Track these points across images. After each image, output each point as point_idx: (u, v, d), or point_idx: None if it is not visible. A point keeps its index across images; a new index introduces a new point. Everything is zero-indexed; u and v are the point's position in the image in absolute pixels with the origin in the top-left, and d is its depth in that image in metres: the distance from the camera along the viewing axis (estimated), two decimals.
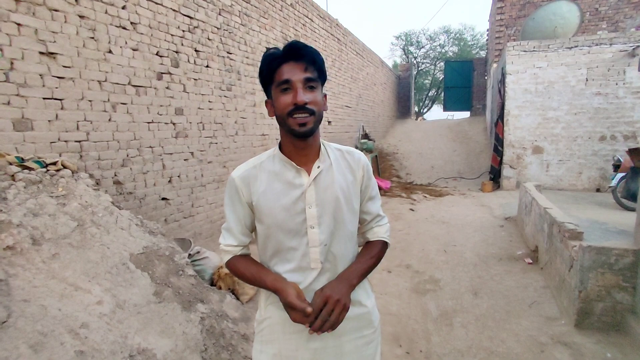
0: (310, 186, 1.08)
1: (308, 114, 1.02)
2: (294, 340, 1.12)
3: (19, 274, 1.79)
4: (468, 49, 23.87)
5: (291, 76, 1.01)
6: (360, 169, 1.17)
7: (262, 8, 5.75)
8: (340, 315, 1.03)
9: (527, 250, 4.43)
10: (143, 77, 3.69)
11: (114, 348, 1.69)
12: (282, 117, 1.04)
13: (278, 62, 1.03)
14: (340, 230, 1.12)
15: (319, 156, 1.12)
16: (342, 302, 1.03)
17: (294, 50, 1.02)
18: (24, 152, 2.70)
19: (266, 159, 1.14)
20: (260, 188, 1.09)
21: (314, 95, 1.03)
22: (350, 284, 1.09)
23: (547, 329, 2.83)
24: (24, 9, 2.70)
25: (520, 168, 8.12)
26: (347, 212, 1.12)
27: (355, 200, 1.16)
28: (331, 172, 1.12)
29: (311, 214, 1.08)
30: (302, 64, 1.02)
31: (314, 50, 1.05)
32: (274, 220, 1.08)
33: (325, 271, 1.11)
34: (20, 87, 2.69)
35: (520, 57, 7.86)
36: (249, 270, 1.13)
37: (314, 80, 1.04)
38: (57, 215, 2.24)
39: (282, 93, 1.03)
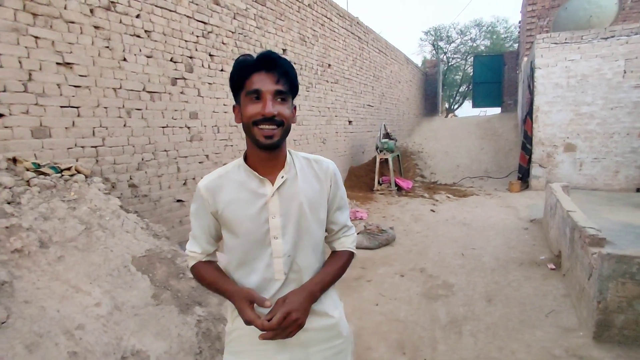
0: (273, 196, 1.07)
1: (275, 126, 1.02)
2: (261, 352, 1.11)
3: (24, 276, 1.89)
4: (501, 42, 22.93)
5: (262, 86, 1.01)
6: (328, 179, 1.16)
7: (279, 10, 5.78)
8: (293, 332, 1.03)
9: (551, 255, 4.21)
10: (157, 83, 3.81)
11: (107, 349, 1.75)
12: (248, 125, 1.03)
13: (250, 70, 1.03)
14: (305, 241, 1.11)
15: (285, 166, 1.10)
16: (299, 321, 1.02)
17: (267, 60, 1.02)
18: (43, 159, 2.86)
19: (231, 168, 1.13)
20: (225, 198, 1.09)
21: (283, 107, 1.03)
22: (313, 296, 1.08)
23: (563, 341, 2.67)
24: (42, 23, 2.85)
25: (551, 167, 7.71)
26: (312, 222, 1.11)
27: (322, 210, 1.14)
28: (296, 181, 1.10)
29: (275, 224, 1.07)
30: (274, 76, 1.02)
31: (288, 62, 1.05)
32: (240, 230, 1.08)
33: (290, 282, 1.10)
34: (38, 96, 2.86)
35: (550, 49, 7.46)
36: (209, 277, 1.14)
37: (285, 94, 1.04)
38: (66, 218, 2.35)
39: (250, 102, 1.02)
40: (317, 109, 7.13)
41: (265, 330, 1.00)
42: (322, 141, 7.42)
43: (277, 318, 1.00)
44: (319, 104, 7.20)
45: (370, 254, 4.60)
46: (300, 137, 6.60)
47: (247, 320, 1.02)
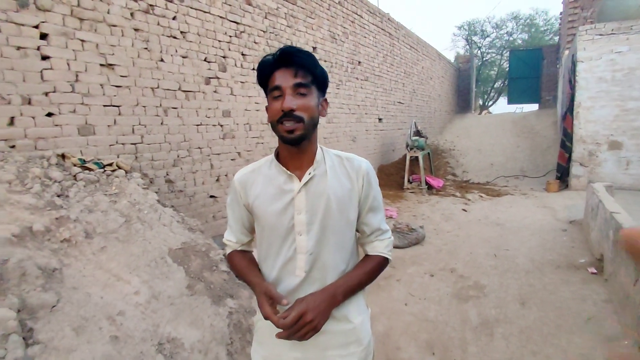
0: (300, 192, 1.06)
1: (295, 121, 1.00)
2: (278, 346, 1.11)
3: (72, 264, 2.03)
4: (540, 35, 21.90)
5: (281, 82, 1.00)
6: (361, 178, 1.12)
7: (309, 9, 5.82)
8: (307, 335, 1.00)
9: (592, 258, 4.00)
10: (192, 83, 3.94)
11: (145, 335, 1.85)
12: (273, 124, 1.03)
13: (270, 68, 1.03)
14: (330, 240, 1.08)
15: (314, 162, 1.09)
16: (314, 323, 0.99)
17: (284, 55, 1.01)
18: (87, 155, 3.04)
19: (264, 163, 1.15)
20: (255, 191, 1.11)
21: (303, 102, 1.01)
22: (334, 299, 1.05)
23: (604, 349, 2.55)
24: (87, 27, 3.02)
25: (593, 166, 7.31)
26: (339, 221, 1.08)
27: (351, 209, 1.11)
28: (325, 178, 1.08)
29: (300, 221, 1.06)
30: (292, 69, 1.01)
31: (306, 53, 1.03)
32: (267, 223, 1.10)
33: (311, 280, 1.08)
34: (84, 96, 3.03)
35: (594, 42, 7.06)
36: (240, 266, 1.18)
37: (305, 86, 1.01)
38: (108, 211, 2.49)
39: (273, 100, 1.02)
40: (347, 107, 7.12)
41: (279, 327, 0.99)
42: (352, 139, 7.40)
43: (291, 317, 0.98)
44: (349, 102, 7.19)
45: (399, 252, 4.55)
46: (330, 135, 6.62)
47: (264, 315, 1.02)
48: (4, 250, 1.78)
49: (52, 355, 1.54)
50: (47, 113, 2.81)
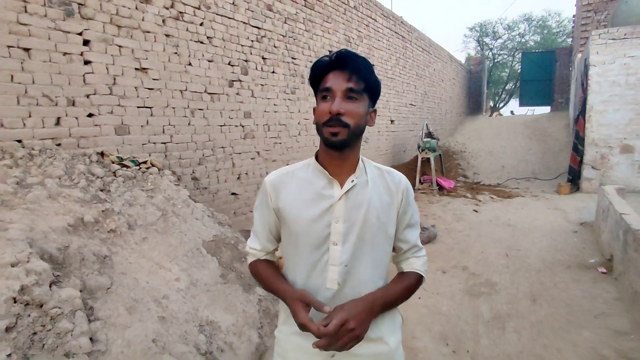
0: (340, 200, 1.02)
1: (340, 125, 0.96)
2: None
3: (119, 252, 2.23)
4: (552, 37, 21.78)
5: (333, 84, 0.98)
6: (400, 192, 1.08)
7: (326, 13, 5.99)
8: (348, 345, 0.94)
9: (602, 258, 4.10)
10: (217, 85, 4.14)
11: (188, 317, 2.04)
12: (319, 125, 1.00)
13: (324, 69, 1.00)
14: (367, 253, 1.03)
15: (356, 171, 1.05)
16: (356, 332, 0.94)
17: (340, 58, 0.99)
18: (123, 153, 3.25)
19: (300, 166, 1.10)
20: (288, 195, 1.06)
21: (352, 107, 0.97)
22: (372, 310, 0.99)
23: (613, 343, 2.67)
24: (124, 33, 3.24)
25: (605, 169, 7.35)
26: (377, 235, 1.04)
27: (390, 224, 1.06)
28: (366, 189, 1.04)
29: (336, 230, 1.01)
30: (346, 73, 0.98)
31: (363, 59, 1.00)
32: (299, 230, 1.03)
33: (344, 294, 1.02)
34: (120, 98, 3.24)
35: (607, 46, 7.11)
36: (265, 276, 1.11)
37: (357, 92, 0.98)
38: (146, 205, 2.69)
39: (322, 100, 1.00)
40: None
41: (320, 336, 0.92)
42: (364, 140, 7.56)
43: (334, 324, 0.91)
44: None
45: None
46: None
47: (301, 323, 0.94)
48: (64, 238, 1.98)
49: (111, 331, 1.74)
50: (88, 114, 3.03)
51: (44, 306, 1.59)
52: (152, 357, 1.72)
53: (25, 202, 2.15)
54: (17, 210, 2.05)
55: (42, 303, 1.59)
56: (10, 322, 1.48)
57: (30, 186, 2.33)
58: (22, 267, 1.62)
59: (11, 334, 1.47)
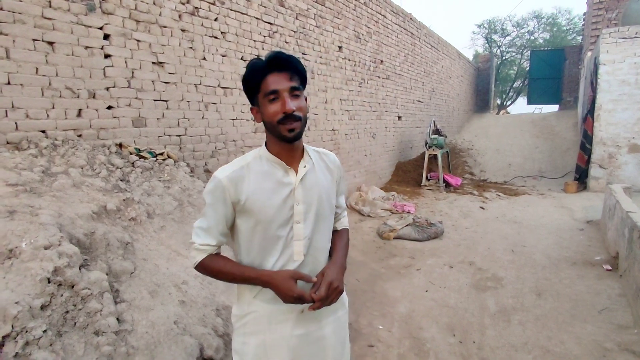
0: (298, 185, 1.16)
1: (295, 120, 1.09)
2: (279, 329, 1.18)
3: (139, 239, 2.32)
4: (562, 35, 21.58)
5: (277, 86, 1.08)
6: (337, 169, 1.29)
7: (336, 9, 6.03)
8: (335, 299, 1.15)
9: (607, 256, 4.15)
10: (230, 80, 4.22)
11: (206, 302, 2.13)
12: (272, 124, 1.11)
13: (263, 72, 1.10)
14: (322, 225, 1.21)
15: (304, 156, 1.20)
16: (339, 288, 1.15)
17: (278, 61, 1.09)
18: (140, 144, 3.34)
19: (252, 160, 1.18)
20: (249, 187, 1.13)
21: (299, 102, 1.11)
22: (343, 267, 1.23)
23: (615, 336, 2.73)
24: (142, 28, 3.32)
25: (612, 168, 7.36)
26: (327, 209, 1.23)
27: (332, 197, 1.26)
28: (314, 171, 1.21)
29: (298, 211, 1.16)
30: (287, 74, 1.09)
31: (296, 58, 1.12)
32: (264, 217, 1.13)
33: (307, 262, 1.19)
34: (138, 91, 3.33)
35: (617, 45, 7.09)
36: (230, 268, 1.16)
37: (298, 89, 1.11)
38: (163, 195, 2.79)
39: (270, 102, 1.09)
40: (368, 105, 7.32)
41: (316, 300, 1.10)
42: (371, 136, 7.61)
43: (324, 289, 1.11)
44: (370, 100, 7.39)
45: (418, 245, 4.77)
46: (351, 132, 6.84)
47: (299, 295, 1.09)
48: (89, 224, 2.08)
49: (136, 312, 1.83)
50: (108, 106, 3.12)
51: (75, 287, 1.69)
52: (174, 337, 1.81)
53: (51, 189, 2.25)
54: (44, 197, 2.15)
55: (74, 284, 1.68)
56: (45, 300, 1.57)
57: (55, 175, 2.43)
58: (54, 249, 1.71)
59: (46, 312, 1.56)
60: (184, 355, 1.76)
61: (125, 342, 1.69)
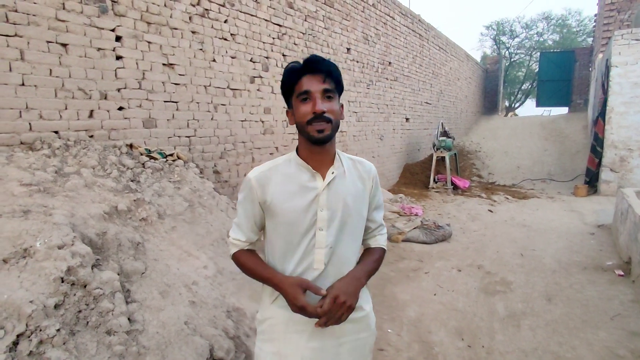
0: (324, 190, 1.14)
1: (325, 122, 1.09)
2: (294, 339, 1.15)
3: (150, 240, 2.34)
4: (572, 36, 21.36)
5: (310, 87, 1.09)
6: (371, 180, 1.24)
7: (345, 11, 6.04)
8: (343, 316, 1.09)
9: (619, 261, 4.09)
10: (239, 81, 4.24)
11: (216, 303, 2.14)
12: (302, 125, 1.11)
13: (298, 74, 1.11)
14: (347, 235, 1.17)
15: (334, 163, 1.18)
16: (347, 303, 1.08)
17: (312, 63, 1.10)
18: (150, 145, 3.37)
19: (282, 162, 1.19)
20: (275, 189, 1.14)
21: (331, 105, 1.10)
22: (359, 281, 1.15)
23: (629, 343, 2.69)
24: (153, 30, 3.35)
25: (624, 172, 7.25)
26: (355, 218, 1.19)
27: (364, 207, 1.22)
28: (344, 179, 1.18)
29: (322, 217, 1.13)
30: (321, 76, 1.10)
31: (331, 63, 1.14)
32: (286, 220, 1.13)
33: (329, 273, 1.15)
34: (148, 92, 3.36)
35: (630, 46, 7.00)
36: (252, 264, 1.19)
37: (332, 91, 1.11)
38: (174, 196, 2.81)
39: (302, 103, 1.10)
40: (376, 106, 7.31)
41: (319, 316, 1.06)
42: (379, 137, 7.59)
43: (327, 302, 1.06)
44: (378, 101, 7.38)
45: (427, 248, 4.74)
46: (359, 133, 6.83)
47: (301, 306, 1.06)
48: (101, 224, 2.09)
49: (147, 312, 1.84)
50: (119, 107, 3.15)
51: (87, 286, 1.70)
52: (184, 338, 1.82)
53: (64, 190, 2.27)
54: (57, 197, 2.17)
55: (86, 284, 1.70)
56: (59, 300, 1.59)
57: (68, 175, 2.45)
58: (67, 249, 1.73)
59: (59, 311, 1.58)
60: (195, 355, 1.77)
61: (136, 341, 1.70)
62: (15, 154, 2.45)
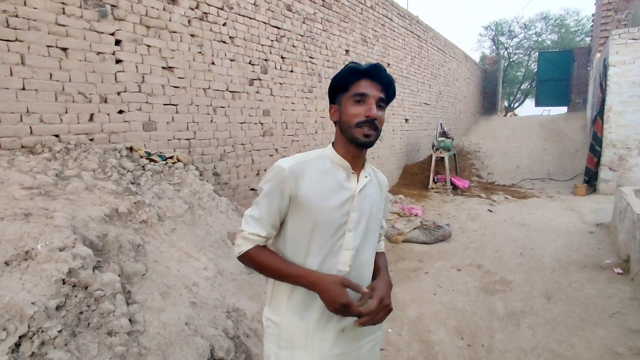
0: (357, 192, 1.15)
1: (374, 129, 1.10)
2: (317, 347, 1.13)
3: (150, 242, 2.35)
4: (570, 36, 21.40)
5: (368, 91, 1.09)
6: (385, 189, 1.31)
7: (343, 13, 6.07)
8: (384, 317, 1.10)
9: (618, 259, 4.10)
10: (238, 84, 4.26)
11: (216, 304, 2.15)
12: (349, 125, 1.11)
13: (359, 75, 1.11)
14: (370, 238, 1.19)
15: (365, 168, 1.20)
16: (390, 306, 1.11)
17: (376, 70, 1.12)
18: (150, 148, 3.39)
19: (315, 157, 1.16)
20: (310, 184, 1.10)
21: (381, 114, 1.12)
22: (391, 284, 1.20)
23: (627, 340, 2.70)
24: (153, 33, 3.37)
25: (623, 170, 7.27)
26: (376, 223, 1.22)
27: (381, 214, 1.28)
28: (371, 184, 1.21)
29: (353, 218, 1.13)
30: (380, 86, 1.12)
31: (391, 76, 1.15)
32: (319, 217, 1.10)
33: (351, 277, 1.12)
34: (148, 95, 3.38)
35: (627, 46, 7.02)
36: (275, 262, 1.11)
37: (385, 102, 1.14)
38: (174, 198, 2.82)
39: (355, 103, 1.10)
40: None
41: (364, 314, 1.05)
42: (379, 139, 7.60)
43: (375, 303, 1.06)
44: None
45: (426, 248, 4.76)
46: None
47: (346, 303, 1.03)
48: (102, 226, 2.11)
49: (148, 313, 1.86)
50: (119, 110, 3.17)
51: (88, 288, 1.72)
52: (185, 338, 1.83)
53: (65, 192, 2.29)
54: (58, 200, 2.19)
55: (87, 285, 1.71)
56: (60, 301, 1.60)
57: (69, 178, 2.47)
58: (69, 251, 1.75)
59: (61, 313, 1.59)
60: (195, 356, 1.78)
61: (137, 342, 1.71)
62: (16, 158, 2.47)
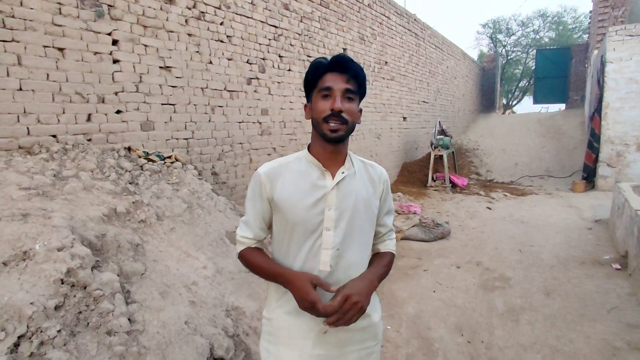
0: (332, 189, 1.12)
1: (341, 122, 1.08)
2: (298, 346, 1.13)
3: (149, 241, 2.35)
4: (568, 33, 21.43)
5: (333, 84, 1.08)
6: (382, 183, 1.23)
7: (340, 11, 6.06)
8: (354, 317, 1.04)
9: (617, 255, 4.11)
10: (236, 83, 4.26)
11: (215, 302, 2.15)
12: (318, 120, 1.10)
13: (323, 70, 1.10)
14: (356, 238, 1.14)
15: (345, 163, 1.17)
16: (359, 304, 1.03)
17: (339, 62, 1.10)
18: (148, 148, 3.39)
19: (293, 159, 1.18)
20: (284, 186, 1.12)
21: (350, 106, 1.09)
22: (372, 284, 1.11)
23: (625, 335, 2.71)
24: (150, 33, 3.37)
25: (621, 167, 7.29)
26: (364, 221, 1.16)
27: (373, 211, 1.20)
28: (354, 180, 1.16)
29: (329, 216, 1.10)
30: (345, 76, 1.09)
31: (358, 65, 1.12)
32: (294, 218, 1.10)
33: (336, 277, 1.11)
34: (146, 95, 3.38)
35: (624, 42, 7.04)
36: (261, 262, 1.15)
37: (353, 93, 1.10)
38: (172, 198, 2.82)
39: (321, 99, 1.09)
40: (373, 106, 7.33)
41: (327, 313, 1.01)
42: (376, 136, 7.62)
43: (338, 300, 1.01)
44: (375, 101, 7.40)
45: (425, 245, 4.77)
46: (356, 133, 6.85)
47: (311, 301, 1.02)
48: (100, 226, 2.11)
49: (147, 313, 1.86)
50: (117, 110, 3.17)
51: (87, 288, 1.72)
52: (185, 337, 1.84)
53: (63, 193, 2.29)
54: (56, 200, 2.19)
55: (86, 285, 1.71)
56: (59, 301, 1.61)
57: (66, 178, 2.47)
58: (67, 251, 1.75)
59: (60, 312, 1.59)
60: (195, 355, 1.78)
61: (137, 342, 1.71)
62: (13, 159, 2.47)
